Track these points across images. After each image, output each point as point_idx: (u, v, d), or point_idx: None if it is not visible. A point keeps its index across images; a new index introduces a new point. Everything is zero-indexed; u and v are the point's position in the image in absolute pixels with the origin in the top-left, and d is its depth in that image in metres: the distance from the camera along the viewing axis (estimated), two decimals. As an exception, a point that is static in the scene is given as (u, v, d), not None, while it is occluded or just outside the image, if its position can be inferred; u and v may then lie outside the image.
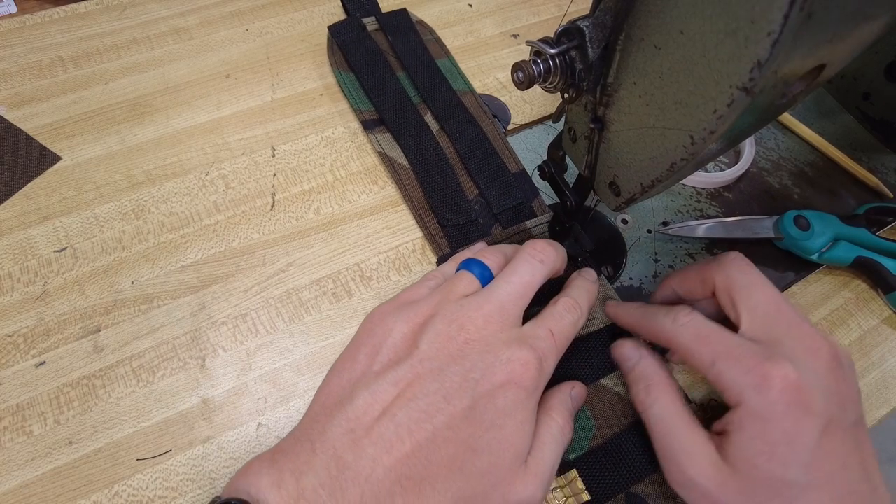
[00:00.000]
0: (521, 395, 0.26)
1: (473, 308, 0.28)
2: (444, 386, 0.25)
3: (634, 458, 0.32)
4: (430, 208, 0.39)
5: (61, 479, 0.30)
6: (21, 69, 0.44)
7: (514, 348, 0.27)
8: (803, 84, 0.21)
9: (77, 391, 0.32)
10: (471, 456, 0.25)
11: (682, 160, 0.24)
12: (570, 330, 0.30)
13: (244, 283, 0.36)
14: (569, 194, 0.35)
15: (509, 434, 0.26)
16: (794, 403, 0.25)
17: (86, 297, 0.35)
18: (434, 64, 0.46)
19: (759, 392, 0.26)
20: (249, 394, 0.33)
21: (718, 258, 0.31)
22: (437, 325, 0.27)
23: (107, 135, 0.42)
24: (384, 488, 0.23)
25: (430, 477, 0.24)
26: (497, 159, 0.42)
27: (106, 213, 0.38)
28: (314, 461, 0.24)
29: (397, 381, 0.25)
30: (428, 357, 0.26)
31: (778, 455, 0.25)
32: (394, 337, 0.27)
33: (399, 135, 0.42)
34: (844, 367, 0.27)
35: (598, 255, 0.39)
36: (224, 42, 0.47)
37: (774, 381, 0.26)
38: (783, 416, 0.25)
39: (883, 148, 0.48)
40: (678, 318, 0.30)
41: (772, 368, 0.26)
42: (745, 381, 0.26)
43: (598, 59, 0.25)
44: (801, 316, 0.28)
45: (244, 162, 0.41)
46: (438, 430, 0.24)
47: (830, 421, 0.26)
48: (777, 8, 0.17)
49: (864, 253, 0.39)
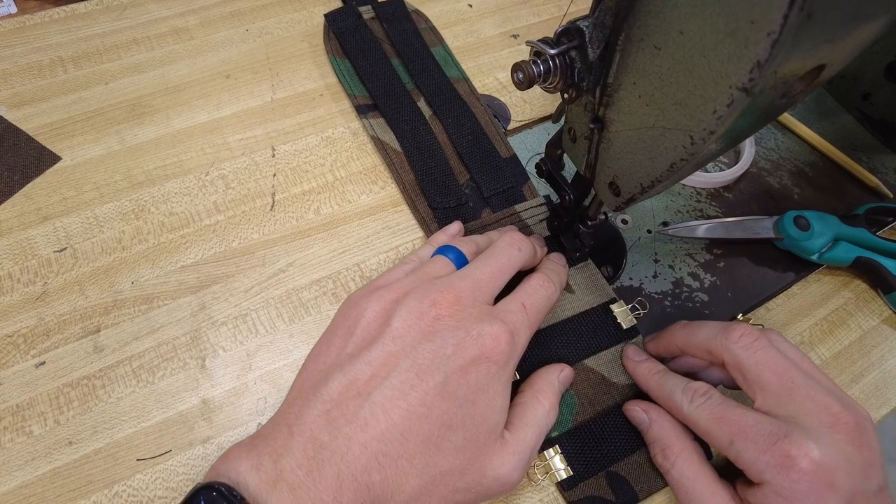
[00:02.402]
0: (492, 369, 0.26)
1: (446, 285, 0.28)
2: (416, 363, 0.26)
3: (616, 438, 0.32)
4: (421, 191, 0.40)
5: (61, 479, 0.30)
6: (21, 69, 0.44)
7: (484, 323, 0.27)
8: (803, 84, 0.21)
9: (77, 391, 0.32)
10: (446, 432, 0.25)
11: (682, 160, 0.24)
12: (542, 303, 0.30)
13: (244, 284, 0.36)
14: (567, 189, 0.35)
15: (483, 409, 0.26)
16: (818, 482, 0.25)
17: (86, 297, 0.35)
18: (428, 51, 0.47)
19: (781, 472, 0.25)
20: (249, 394, 0.33)
21: (724, 331, 0.30)
22: (409, 302, 0.27)
23: (107, 135, 0.42)
24: (360, 465, 0.24)
25: (407, 453, 0.24)
26: (488, 145, 0.42)
27: (106, 213, 0.38)
28: (291, 443, 0.24)
29: (371, 361, 0.26)
30: (400, 335, 0.26)
31: None
32: (367, 317, 0.28)
33: (392, 119, 0.43)
34: (867, 433, 0.27)
35: (598, 255, 0.39)
36: (224, 42, 0.47)
37: (796, 460, 0.25)
38: (807, 496, 0.25)
39: (883, 148, 0.48)
40: (695, 398, 0.29)
41: (791, 448, 0.25)
42: (764, 460, 0.26)
43: (598, 59, 0.25)
44: (816, 386, 0.27)
45: (244, 162, 0.41)
46: (413, 406, 0.25)
47: (855, 494, 0.25)
48: (777, 8, 0.17)
49: (864, 253, 0.39)
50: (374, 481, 0.24)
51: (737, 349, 0.29)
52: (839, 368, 0.37)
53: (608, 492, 0.31)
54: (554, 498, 0.32)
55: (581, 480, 0.31)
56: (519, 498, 0.31)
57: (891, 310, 0.40)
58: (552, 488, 0.32)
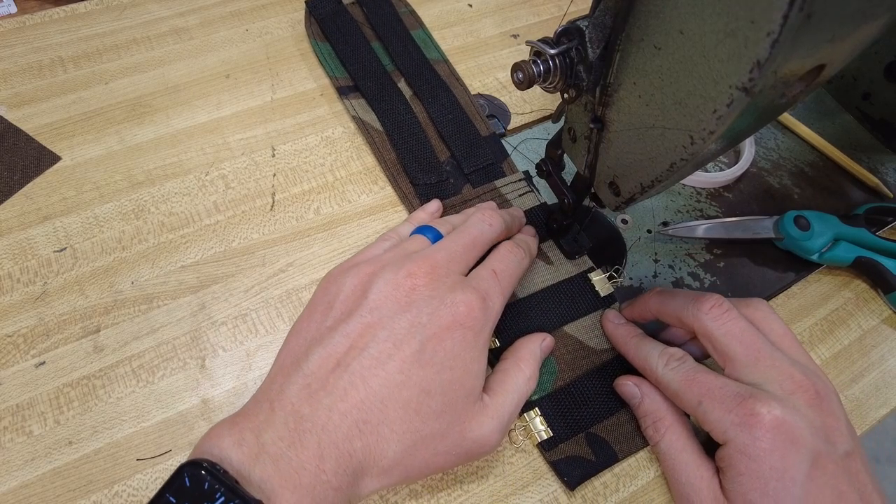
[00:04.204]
0: (468, 335, 0.27)
1: (421, 257, 0.29)
2: (393, 333, 0.26)
3: (595, 401, 0.33)
4: (402, 169, 0.41)
5: (61, 479, 0.30)
6: (21, 69, 0.44)
7: (457, 291, 0.28)
8: (803, 84, 0.21)
9: (77, 391, 0.32)
10: (425, 398, 0.26)
11: (682, 160, 0.24)
12: (513, 269, 0.31)
13: (244, 284, 0.36)
14: (566, 192, 0.35)
15: (460, 375, 0.27)
16: (781, 439, 0.26)
17: (86, 297, 0.35)
18: (408, 34, 0.48)
19: (744, 430, 0.27)
20: (249, 394, 0.33)
21: (695, 302, 0.31)
22: (385, 275, 0.28)
23: (107, 135, 0.42)
24: (341, 433, 0.24)
25: (388, 420, 0.25)
26: (468, 123, 0.43)
27: (106, 213, 0.38)
28: (273, 418, 0.24)
29: (349, 334, 0.26)
30: (377, 306, 0.27)
31: (770, 491, 0.26)
32: (345, 291, 0.28)
33: (373, 100, 0.44)
34: (828, 400, 0.28)
35: (598, 255, 0.39)
36: (224, 42, 0.47)
37: (759, 418, 0.26)
38: (770, 453, 0.26)
39: (883, 148, 0.48)
40: (670, 362, 0.31)
41: (755, 406, 0.27)
42: (729, 419, 0.27)
43: (598, 59, 0.25)
44: (780, 356, 0.29)
45: (244, 162, 0.41)
46: (391, 374, 0.25)
47: (819, 454, 0.26)
48: (776, 8, 0.17)
49: (864, 253, 0.39)
50: (355, 448, 0.24)
51: (706, 319, 0.30)
52: (839, 368, 0.37)
53: (588, 451, 0.32)
54: (534, 458, 0.32)
55: (561, 441, 0.32)
56: (500, 460, 0.32)
57: (891, 310, 0.40)
58: (535, 453, 0.32)
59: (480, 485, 0.31)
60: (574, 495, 0.31)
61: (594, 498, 0.32)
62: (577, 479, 0.31)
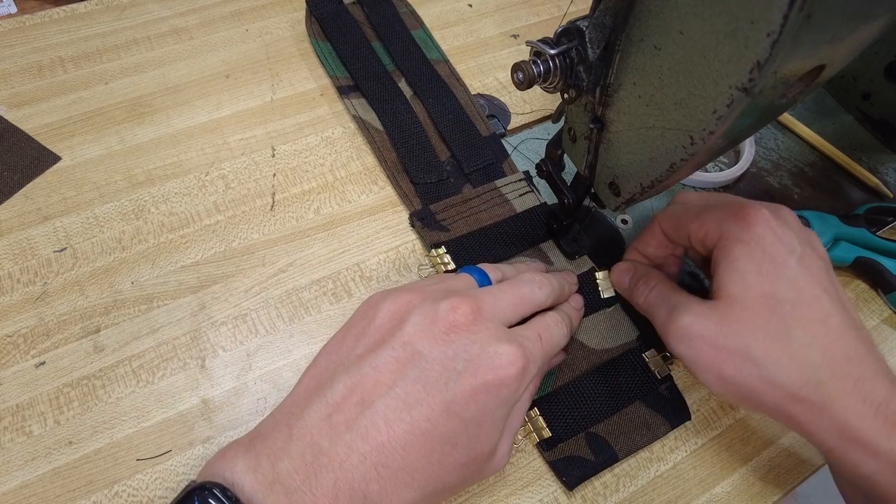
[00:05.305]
0: (503, 393, 0.26)
1: (466, 295, 0.27)
2: (423, 374, 0.25)
3: (594, 401, 0.33)
4: (402, 168, 0.41)
5: (61, 479, 0.30)
6: (21, 69, 0.44)
7: (503, 343, 0.26)
8: (803, 84, 0.21)
9: (77, 391, 0.32)
10: (450, 450, 0.25)
11: (682, 160, 0.24)
12: (556, 342, 0.30)
13: (244, 284, 0.36)
14: (566, 193, 0.35)
15: (487, 430, 0.26)
16: (771, 231, 0.28)
17: (86, 297, 0.35)
18: (409, 34, 0.48)
19: (738, 220, 0.29)
20: (249, 394, 0.33)
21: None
22: (424, 306, 0.26)
23: (107, 135, 0.42)
24: (359, 475, 0.23)
25: (408, 467, 0.24)
26: (468, 123, 0.43)
27: (106, 213, 0.38)
28: (290, 447, 0.24)
29: (377, 366, 0.25)
30: (410, 340, 0.25)
31: (765, 272, 0.27)
32: (380, 318, 0.27)
33: (373, 99, 0.44)
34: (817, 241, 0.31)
35: (598, 255, 0.39)
36: (224, 42, 0.47)
37: (751, 210, 0.29)
38: (762, 238, 0.28)
39: (883, 148, 0.48)
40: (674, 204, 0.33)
41: (747, 206, 0.29)
42: (723, 216, 0.29)
43: (598, 59, 0.25)
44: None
45: (244, 162, 0.41)
46: (417, 422, 0.24)
47: (804, 253, 0.28)
48: (776, 8, 0.17)
49: (864, 253, 0.39)
50: (371, 491, 0.23)
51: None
52: (839, 368, 0.37)
53: (587, 451, 0.32)
54: (534, 458, 0.32)
55: (560, 441, 0.32)
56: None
57: (891, 310, 0.40)
58: (535, 453, 0.32)
59: (480, 484, 0.31)
60: (574, 495, 0.31)
61: (594, 498, 0.32)
62: (576, 479, 0.31)
